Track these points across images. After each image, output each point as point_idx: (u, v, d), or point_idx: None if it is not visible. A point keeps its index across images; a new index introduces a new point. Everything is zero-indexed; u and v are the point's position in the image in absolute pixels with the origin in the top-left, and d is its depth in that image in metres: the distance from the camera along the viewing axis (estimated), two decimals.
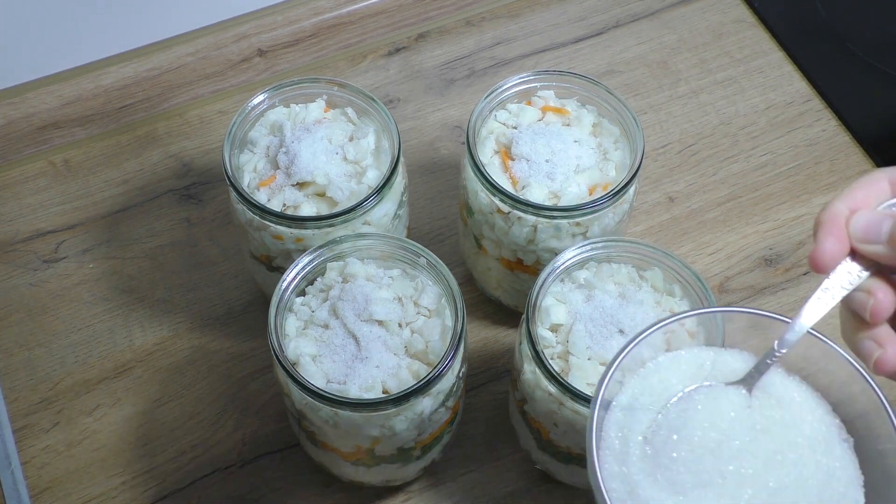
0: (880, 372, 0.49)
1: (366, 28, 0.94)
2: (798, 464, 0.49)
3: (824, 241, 0.48)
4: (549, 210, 0.66)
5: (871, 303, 0.48)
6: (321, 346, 0.62)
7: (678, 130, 0.90)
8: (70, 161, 0.88)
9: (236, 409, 0.75)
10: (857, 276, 0.49)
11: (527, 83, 0.72)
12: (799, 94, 0.92)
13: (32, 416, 0.75)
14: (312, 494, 0.71)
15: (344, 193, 0.68)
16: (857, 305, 0.49)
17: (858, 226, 0.49)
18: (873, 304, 0.48)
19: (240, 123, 0.70)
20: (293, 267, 0.63)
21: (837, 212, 0.49)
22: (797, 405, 0.51)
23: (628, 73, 0.93)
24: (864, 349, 0.50)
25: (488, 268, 0.75)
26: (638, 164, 0.67)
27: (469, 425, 0.74)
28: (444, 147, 0.89)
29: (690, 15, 0.98)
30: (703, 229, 0.84)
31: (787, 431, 0.50)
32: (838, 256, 0.49)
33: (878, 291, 0.48)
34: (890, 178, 0.50)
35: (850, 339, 0.51)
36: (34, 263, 0.82)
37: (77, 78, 0.87)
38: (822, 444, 0.50)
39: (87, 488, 0.72)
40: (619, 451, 0.49)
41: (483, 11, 0.98)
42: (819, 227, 0.49)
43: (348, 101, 0.72)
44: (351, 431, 0.61)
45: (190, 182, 0.87)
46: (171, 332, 0.78)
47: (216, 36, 0.90)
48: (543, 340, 0.63)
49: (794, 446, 0.50)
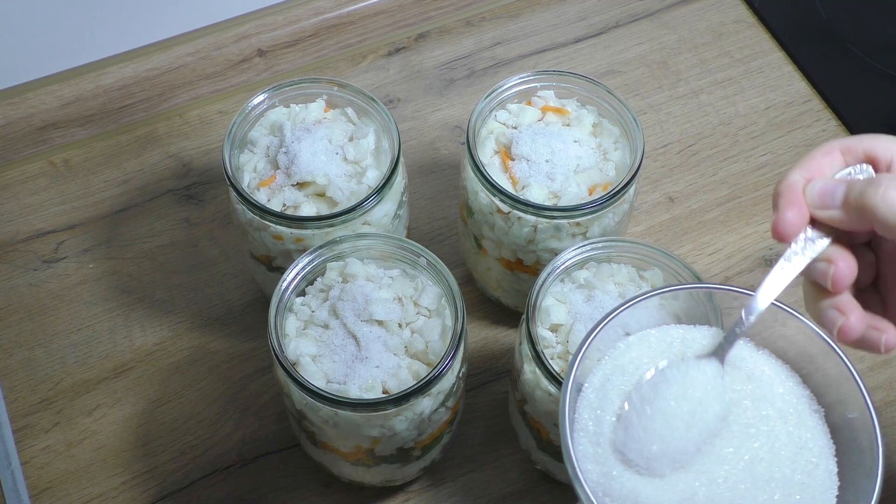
0: (844, 340, 0.50)
1: (366, 28, 0.94)
2: (770, 436, 0.50)
3: (785, 210, 0.50)
4: (549, 210, 0.66)
5: (831, 271, 0.49)
6: (321, 346, 0.62)
7: (678, 130, 0.90)
8: (70, 161, 0.88)
9: (236, 410, 0.75)
10: (818, 244, 0.50)
11: (527, 83, 0.72)
12: (799, 94, 0.92)
13: (32, 416, 0.75)
14: (312, 494, 0.71)
15: (344, 193, 0.68)
16: (818, 275, 0.50)
17: (814, 193, 0.50)
18: (834, 272, 0.49)
19: (240, 123, 0.70)
20: (293, 267, 0.63)
21: (795, 181, 0.51)
22: (767, 378, 0.52)
23: (628, 73, 0.93)
24: (828, 318, 0.50)
25: (488, 268, 0.75)
26: (638, 165, 0.67)
27: (469, 425, 0.74)
28: (444, 147, 0.89)
29: (690, 15, 0.98)
30: (703, 229, 0.84)
31: (759, 405, 0.51)
32: (799, 224, 0.50)
33: (839, 260, 0.50)
34: (842, 147, 0.52)
35: (814, 310, 0.52)
36: (34, 263, 0.82)
37: (77, 78, 0.87)
38: (793, 415, 0.51)
39: (87, 488, 0.72)
40: (592, 432, 0.50)
41: (483, 11, 0.98)
42: (778, 197, 0.51)
43: (348, 101, 0.72)
44: (351, 431, 0.61)
45: (190, 182, 0.87)
46: (171, 332, 0.78)
47: (216, 36, 0.90)
48: (543, 340, 0.63)
49: (766, 419, 0.51)
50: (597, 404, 0.50)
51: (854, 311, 0.50)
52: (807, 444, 0.50)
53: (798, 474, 0.49)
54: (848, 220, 0.49)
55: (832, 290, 0.50)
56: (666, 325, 0.54)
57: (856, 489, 0.50)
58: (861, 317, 0.50)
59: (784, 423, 0.51)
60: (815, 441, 0.51)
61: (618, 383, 0.51)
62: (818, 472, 0.50)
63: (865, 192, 0.48)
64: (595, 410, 0.50)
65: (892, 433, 0.73)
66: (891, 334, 0.50)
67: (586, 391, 0.51)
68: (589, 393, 0.51)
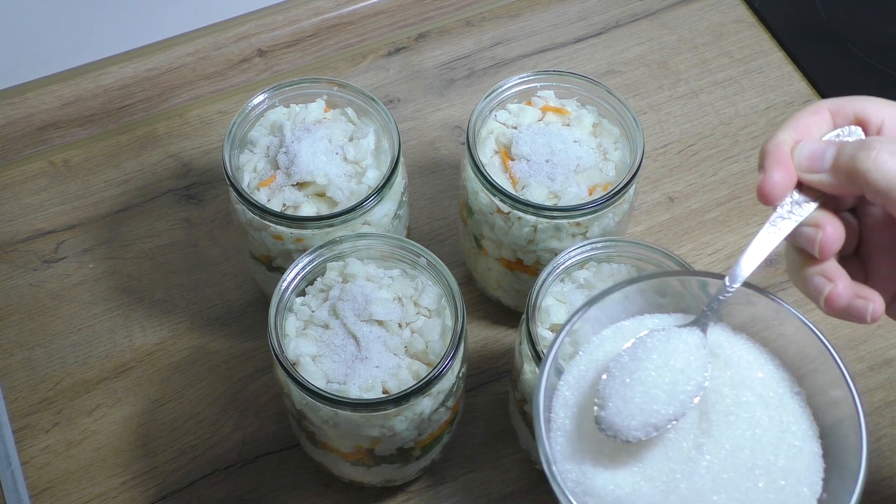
0: (831, 308, 0.48)
1: (366, 28, 0.94)
2: (752, 422, 0.48)
3: (772, 171, 0.48)
4: (549, 210, 0.66)
5: (819, 236, 0.47)
6: (321, 346, 0.62)
7: (678, 130, 0.90)
8: (70, 161, 0.88)
9: (236, 410, 0.75)
10: (804, 208, 0.48)
11: (527, 83, 0.72)
12: (799, 94, 0.92)
13: (32, 416, 0.75)
14: (312, 494, 0.71)
15: (344, 193, 0.68)
16: (804, 240, 0.48)
17: (802, 156, 0.48)
18: (822, 238, 0.47)
19: (240, 123, 0.70)
20: (293, 267, 0.63)
21: (783, 142, 0.49)
22: (746, 363, 0.51)
23: (628, 73, 0.93)
24: (814, 286, 0.48)
25: (488, 268, 0.75)
26: (638, 164, 0.67)
27: (469, 425, 0.74)
28: (444, 147, 0.89)
29: (690, 15, 0.98)
30: (703, 229, 0.84)
31: (738, 391, 0.50)
32: (786, 187, 0.48)
33: (827, 225, 0.48)
34: (831, 108, 0.50)
35: (799, 278, 0.49)
36: (34, 263, 0.82)
37: (77, 78, 0.87)
38: (774, 399, 0.50)
39: (87, 488, 0.72)
40: (570, 430, 0.49)
41: (483, 11, 0.98)
42: (765, 158, 0.49)
43: (348, 101, 0.72)
44: (351, 431, 0.61)
45: (190, 182, 0.87)
46: (171, 332, 0.78)
47: (216, 36, 0.90)
48: (543, 340, 0.63)
49: (746, 405, 0.49)
50: (573, 402, 0.49)
51: (841, 279, 0.48)
52: (789, 427, 0.49)
53: (781, 459, 0.48)
54: (837, 183, 0.47)
55: (819, 256, 0.48)
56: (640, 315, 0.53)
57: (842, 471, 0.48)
58: (848, 284, 0.48)
59: (765, 408, 0.49)
60: (797, 424, 0.49)
61: (593, 379, 0.50)
62: (802, 456, 0.48)
63: (857, 156, 0.46)
64: (572, 408, 0.49)
65: (892, 433, 0.73)
66: (877, 303, 0.48)
67: (562, 389, 0.50)
68: (564, 391, 0.50)
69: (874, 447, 0.73)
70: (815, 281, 0.48)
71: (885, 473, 0.72)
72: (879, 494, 0.71)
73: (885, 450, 0.73)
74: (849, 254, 0.51)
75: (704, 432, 0.49)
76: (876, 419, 0.74)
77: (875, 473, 0.72)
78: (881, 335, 0.78)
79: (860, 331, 0.78)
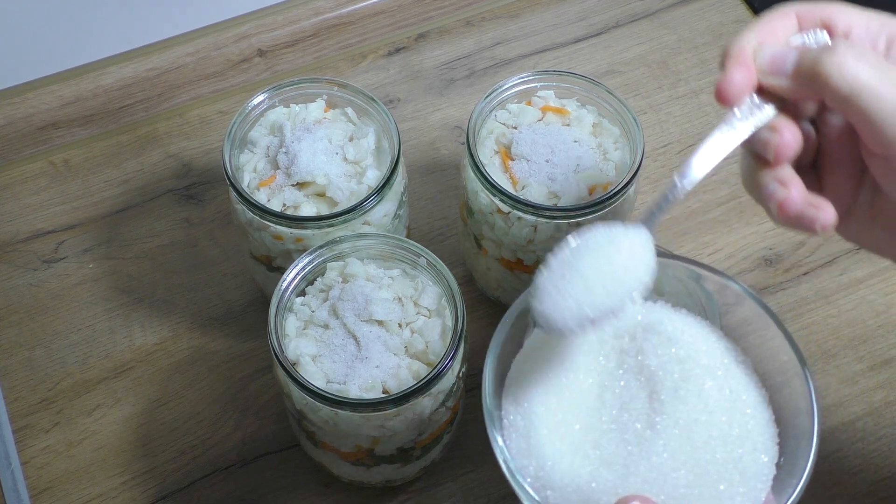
0: (783, 214, 0.47)
1: (366, 28, 0.94)
2: (702, 395, 0.48)
3: (732, 71, 0.47)
4: (549, 210, 0.66)
5: (775, 140, 0.47)
6: (321, 346, 0.62)
7: (678, 130, 0.90)
8: (70, 161, 0.88)
9: (236, 410, 0.75)
10: (763, 112, 0.47)
11: (527, 83, 0.72)
12: None
13: (32, 416, 0.75)
14: (312, 494, 0.71)
15: (344, 193, 0.68)
16: (760, 144, 0.47)
17: (765, 58, 0.47)
18: (778, 142, 0.46)
19: (240, 123, 0.70)
20: (293, 267, 0.63)
21: (746, 43, 0.48)
22: (689, 337, 0.50)
23: (628, 73, 0.93)
24: (767, 191, 0.47)
25: (488, 268, 0.75)
26: (638, 164, 0.67)
27: (469, 425, 0.74)
28: (444, 147, 0.89)
29: (690, 15, 0.98)
30: (703, 229, 0.84)
31: (684, 366, 0.49)
32: (746, 88, 0.47)
33: (785, 130, 0.47)
34: (799, 11, 0.49)
35: (752, 183, 0.49)
36: (34, 263, 0.82)
37: (77, 78, 0.87)
38: (720, 369, 0.50)
39: (87, 488, 0.72)
40: (522, 426, 0.49)
41: (483, 11, 0.98)
42: (727, 58, 0.48)
43: (348, 101, 0.72)
44: (351, 431, 0.61)
45: (190, 182, 0.87)
46: (171, 332, 0.78)
47: (216, 36, 0.90)
48: None
49: (694, 378, 0.49)
50: (521, 397, 0.49)
51: (796, 185, 0.47)
52: (739, 396, 0.49)
53: (735, 428, 0.48)
54: (798, 88, 0.46)
55: (774, 161, 0.47)
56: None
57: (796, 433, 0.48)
58: (802, 191, 0.47)
59: (713, 380, 0.49)
60: (746, 392, 0.49)
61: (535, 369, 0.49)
62: (755, 423, 0.48)
63: (820, 60, 0.45)
64: (521, 404, 0.49)
65: (892, 433, 0.73)
66: (827, 212, 0.46)
67: (508, 387, 0.50)
68: (511, 388, 0.50)
69: (874, 447, 0.73)
70: (770, 186, 0.47)
71: (884, 473, 0.72)
72: (879, 494, 0.71)
73: (885, 450, 0.73)
74: (805, 165, 0.50)
75: (656, 411, 0.48)
76: (876, 419, 0.74)
77: (875, 473, 0.72)
78: (881, 335, 0.78)
79: (860, 331, 0.78)
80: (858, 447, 0.73)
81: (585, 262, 0.47)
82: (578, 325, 0.47)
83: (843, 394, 0.75)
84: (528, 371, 0.50)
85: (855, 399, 0.75)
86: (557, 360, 0.50)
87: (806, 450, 0.47)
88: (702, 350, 0.50)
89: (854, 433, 0.73)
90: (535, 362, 0.50)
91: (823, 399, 0.74)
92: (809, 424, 0.47)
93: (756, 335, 0.51)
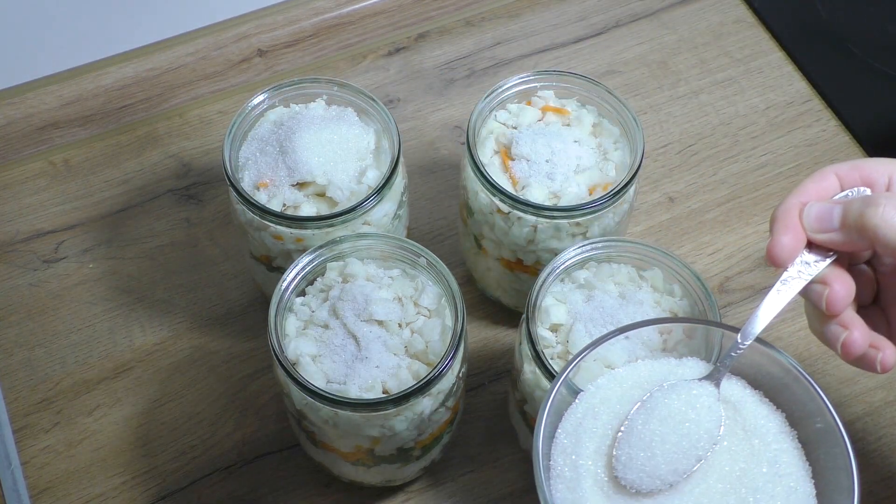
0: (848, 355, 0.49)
1: (366, 28, 0.94)
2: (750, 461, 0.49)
3: (780, 235, 0.50)
4: (549, 210, 0.66)
5: (826, 293, 0.49)
6: (321, 346, 0.62)
7: (678, 130, 0.90)
8: (70, 161, 0.88)
9: (236, 409, 0.75)
10: (814, 267, 0.50)
11: (527, 83, 0.72)
12: (799, 94, 0.92)
13: (32, 416, 0.75)
14: (312, 494, 0.71)
15: (344, 193, 0.68)
16: (814, 297, 0.50)
17: (811, 216, 0.50)
18: (829, 295, 0.49)
19: (240, 123, 0.70)
20: (293, 267, 0.63)
21: (791, 206, 0.50)
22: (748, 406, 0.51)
23: (628, 73, 0.93)
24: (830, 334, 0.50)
25: (488, 268, 0.75)
26: (638, 164, 0.67)
27: (469, 425, 0.74)
28: (444, 147, 0.89)
29: (690, 15, 0.98)
30: (703, 229, 0.84)
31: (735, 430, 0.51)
32: (795, 249, 0.50)
33: (835, 282, 0.49)
34: (837, 172, 0.51)
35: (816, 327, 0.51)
36: (34, 263, 0.82)
37: (77, 78, 0.87)
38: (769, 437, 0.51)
39: (87, 488, 0.72)
40: (569, 478, 0.49)
41: (483, 11, 0.98)
42: (774, 223, 0.50)
43: (348, 101, 0.72)
44: (351, 431, 0.61)
45: (190, 182, 0.87)
46: (171, 332, 0.78)
47: (216, 36, 0.90)
48: (543, 340, 0.63)
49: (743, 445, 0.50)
50: (571, 449, 0.50)
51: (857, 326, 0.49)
52: (784, 469, 0.50)
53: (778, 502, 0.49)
54: (848, 241, 0.49)
55: (828, 312, 0.49)
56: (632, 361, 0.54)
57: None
58: (865, 332, 0.49)
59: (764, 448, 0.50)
60: (793, 465, 0.50)
61: (590, 426, 0.51)
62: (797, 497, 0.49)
63: (865, 212, 0.47)
64: (570, 456, 0.50)
65: (892, 433, 0.73)
66: (888, 353, 0.50)
67: (559, 437, 0.51)
68: (562, 438, 0.51)
69: (874, 447, 0.73)
70: (831, 329, 0.50)
71: (884, 473, 0.72)
72: (879, 494, 0.71)
73: (885, 450, 0.73)
74: (867, 303, 0.53)
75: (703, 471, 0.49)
76: (876, 419, 0.74)
77: (875, 473, 0.72)
78: None
79: None
80: (858, 447, 0.72)
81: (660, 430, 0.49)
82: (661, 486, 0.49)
83: (843, 394, 0.75)
84: (581, 424, 0.51)
85: (855, 399, 0.75)
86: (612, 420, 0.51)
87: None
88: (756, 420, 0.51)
89: (854, 433, 0.73)
90: (589, 417, 0.51)
91: None
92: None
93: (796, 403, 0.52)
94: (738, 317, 0.79)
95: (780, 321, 0.53)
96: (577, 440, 0.50)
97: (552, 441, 0.51)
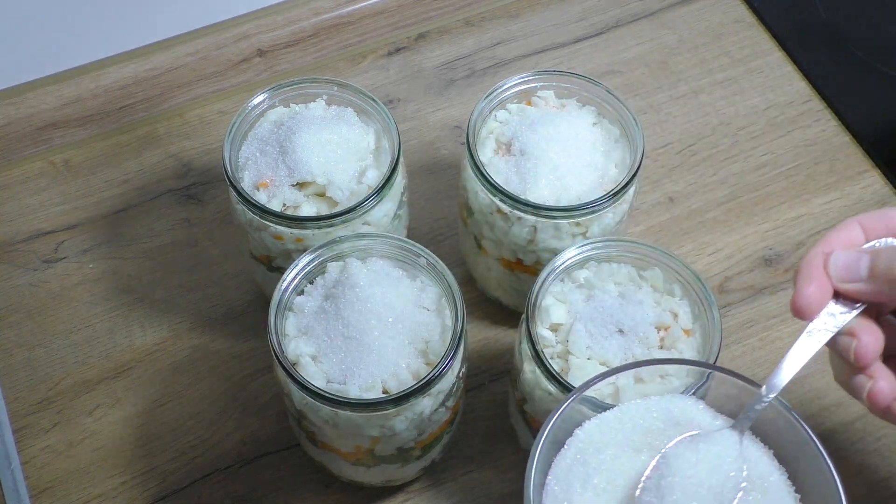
0: (874, 405, 0.48)
1: (366, 28, 0.94)
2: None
3: (805, 287, 0.48)
4: (549, 210, 0.66)
5: (854, 345, 0.48)
6: (321, 346, 0.62)
7: (678, 130, 0.90)
8: (70, 161, 0.88)
9: (236, 409, 0.75)
10: (840, 318, 0.48)
11: (527, 83, 0.72)
12: (799, 94, 0.92)
13: (32, 416, 0.75)
14: (312, 494, 0.71)
15: (344, 193, 0.68)
16: (841, 349, 0.49)
17: (838, 266, 0.48)
18: (857, 347, 0.48)
19: (240, 123, 0.70)
20: (293, 267, 0.63)
21: (814, 256, 0.49)
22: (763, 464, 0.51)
23: (628, 73, 0.93)
24: (856, 384, 0.49)
25: (488, 268, 0.75)
26: (638, 164, 0.67)
27: (469, 425, 0.74)
28: (444, 147, 0.89)
29: (690, 15, 0.98)
30: (703, 229, 0.84)
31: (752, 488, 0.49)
32: (820, 301, 0.48)
33: (862, 334, 0.48)
34: (861, 222, 0.50)
35: (841, 377, 0.50)
36: (34, 263, 0.82)
37: (77, 78, 0.87)
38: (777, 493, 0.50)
39: (87, 488, 0.72)
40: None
41: (483, 11, 0.98)
42: (798, 274, 0.49)
43: (348, 101, 0.72)
44: (351, 431, 0.61)
45: (190, 182, 0.87)
46: (171, 332, 0.78)
47: (216, 36, 0.90)
48: (543, 340, 0.63)
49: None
50: (562, 496, 0.49)
51: (884, 377, 0.48)
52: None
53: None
54: (877, 291, 0.47)
55: (856, 364, 0.48)
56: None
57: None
58: (892, 382, 0.48)
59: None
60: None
61: (580, 473, 0.50)
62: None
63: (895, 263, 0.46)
64: (561, 503, 0.49)
65: (892, 433, 0.73)
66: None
67: (550, 483, 0.50)
68: (553, 485, 0.50)
69: (874, 447, 0.73)
70: (857, 380, 0.49)
71: (884, 474, 0.72)
72: (879, 494, 0.71)
73: (884, 450, 0.73)
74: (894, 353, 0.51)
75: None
76: (875, 419, 0.73)
77: (875, 474, 0.72)
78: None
79: None
80: (858, 447, 0.73)
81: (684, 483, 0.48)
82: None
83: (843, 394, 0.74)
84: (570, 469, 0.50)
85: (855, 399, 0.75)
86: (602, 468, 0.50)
87: None
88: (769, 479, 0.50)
89: (854, 433, 0.73)
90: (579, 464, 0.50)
91: (823, 399, 0.74)
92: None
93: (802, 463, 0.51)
94: (738, 317, 0.79)
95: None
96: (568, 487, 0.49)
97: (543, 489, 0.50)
